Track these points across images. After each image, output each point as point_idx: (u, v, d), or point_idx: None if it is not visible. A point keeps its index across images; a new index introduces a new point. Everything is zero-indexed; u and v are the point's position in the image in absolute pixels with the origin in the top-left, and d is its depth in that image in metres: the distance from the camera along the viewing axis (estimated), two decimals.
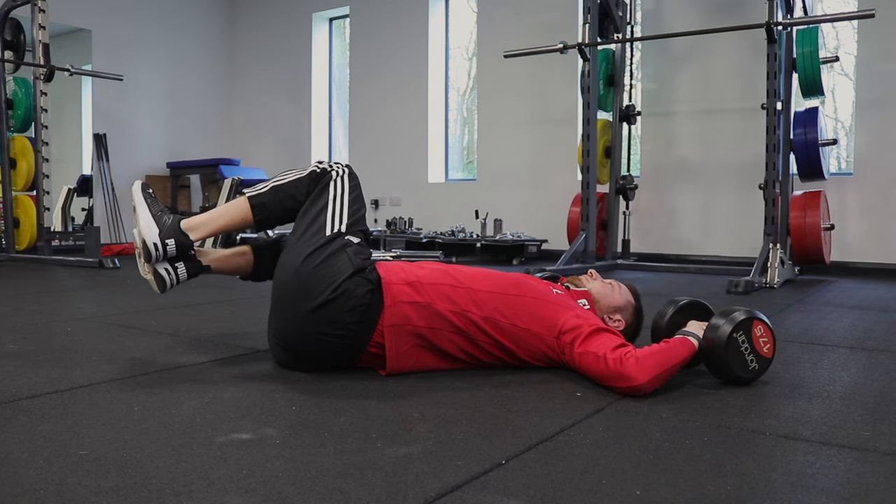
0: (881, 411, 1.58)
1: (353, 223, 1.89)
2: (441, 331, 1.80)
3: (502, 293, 1.85)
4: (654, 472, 1.19)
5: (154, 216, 1.85)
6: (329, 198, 1.90)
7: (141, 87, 7.60)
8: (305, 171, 1.94)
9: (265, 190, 1.92)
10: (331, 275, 1.75)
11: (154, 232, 1.82)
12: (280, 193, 1.91)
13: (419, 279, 1.83)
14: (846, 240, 5.21)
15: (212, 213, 1.93)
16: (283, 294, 1.82)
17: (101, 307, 3.17)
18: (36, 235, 5.67)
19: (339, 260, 1.78)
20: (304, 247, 1.82)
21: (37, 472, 1.15)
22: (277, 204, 1.92)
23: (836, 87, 6.21)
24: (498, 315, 1.82)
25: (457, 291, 1.82)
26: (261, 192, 1.91)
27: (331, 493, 1.08)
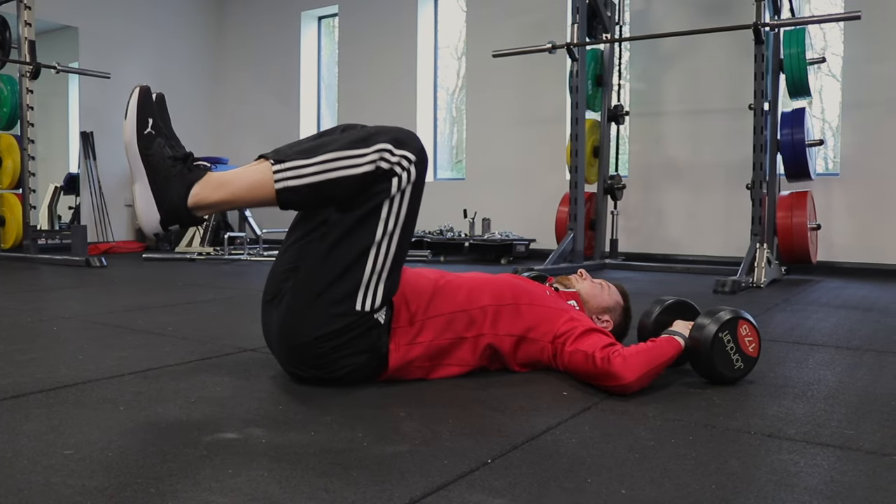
0: (864, 410, 1.59)
1: (392, 285, 1.64)
2: (439, 364, 1.77)
3: (499, 304, 1.81)
4: (639, 470, 1.20)
5: (155, 189, 1.50)
6: (375, 238, 1.57)
7: (128, 85, 7.51)
8: (363, 160, 1.52)
9: (300, 185, 1.52)
10: (349, 356, 1.63)
11: (154, 219, 1.52)
12: (319, 194, 1.54)
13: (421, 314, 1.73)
14: (832, 240, 5.25)
15: (229, 192, 1.54)
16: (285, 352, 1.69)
17: (87, 306, 3.16)
18: (22, 234, 5.64)
19: (362, 343, 1.63)
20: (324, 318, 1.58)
21: (21, 472, 1.14)
22: (312, 204, 1.61)
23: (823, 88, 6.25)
24: (498, 332, 1.79)
25: (457, 317, 1.76)
26: (293, 187, 1.52)
27: (317, 492, 1.08)
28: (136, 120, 1.51)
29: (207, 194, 1.52)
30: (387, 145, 1.53)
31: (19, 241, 5.66)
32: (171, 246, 6.90)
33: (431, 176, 7.30)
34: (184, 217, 1.53)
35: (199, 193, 1.52)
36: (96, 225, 7.23)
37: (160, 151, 1.52)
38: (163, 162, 1.51)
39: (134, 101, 1.52)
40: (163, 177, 1.51)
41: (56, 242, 6.45)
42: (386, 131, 1.56)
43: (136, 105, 1.51)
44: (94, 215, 7.24)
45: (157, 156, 1.51)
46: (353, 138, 1.55)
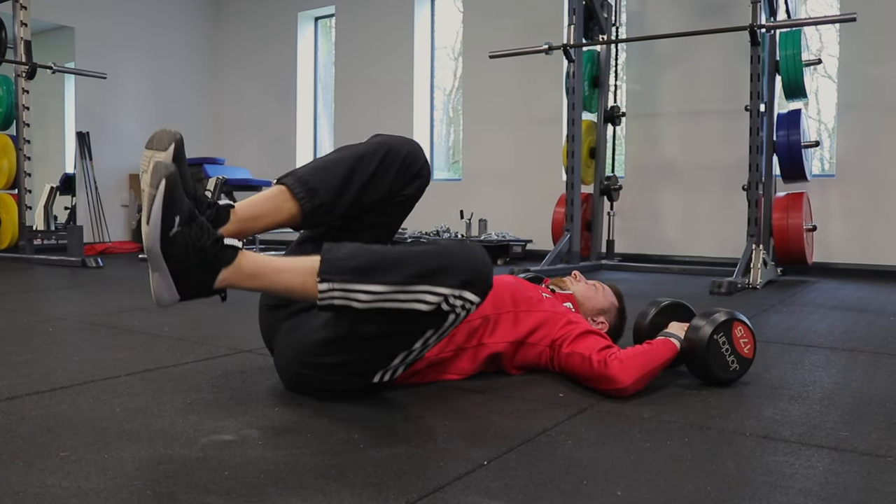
0: (859, 412, 1.59)
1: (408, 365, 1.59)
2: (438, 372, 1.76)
3: (499, 313, 1.80)
4: (634, 472, 1.20)
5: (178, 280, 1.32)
6: (413, 346, 1.50)
7: (125, 85, 7.55)
8: (427, 301, 1.38)
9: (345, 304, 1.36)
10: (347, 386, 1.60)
11: (173, 300, 1.36)
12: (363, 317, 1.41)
13: None
14: (828, 241, 5.26)
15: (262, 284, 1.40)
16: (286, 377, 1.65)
17: (83, 307, 3.15)
18: (18, 234, 5.62)
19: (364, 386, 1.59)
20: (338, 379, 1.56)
21: (16, 474, 1.14)
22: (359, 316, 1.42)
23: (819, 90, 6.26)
24: (495, 339, 1.79)
25: (458, 330, 1.74)
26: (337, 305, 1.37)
27: (313, 494, 1.08)
28: (161, 224, 1.28)
29: (236, 281, 1.38)
30: (454, 290, 1.39)
31: (15, 242, 5.64)
32: None
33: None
34: (207, 296, 1.39)
35: (228, 279, 1.37)
36: (92, 225, 7.21)
37: (184, 248, 1.31)
38: (188, 257, 1.32)
39: (159, 202, 1.27)
40: (187, 269, 1.33)
41: (52, 243, 6.45)
42: (458, 265, 1.40)
43: (161, 206, 1.28)
44: (91, 216, 7.23)
45: (181, 254, 1.31)
46: (421, 269, 1.37)
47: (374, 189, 1.55)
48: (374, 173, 1.55)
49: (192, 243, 1.31)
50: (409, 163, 1.59)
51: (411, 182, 1.61)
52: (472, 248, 1.45)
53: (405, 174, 1.59)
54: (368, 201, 1.55)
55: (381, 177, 1.56)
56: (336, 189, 1.50)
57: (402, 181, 1.60)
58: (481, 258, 1.44)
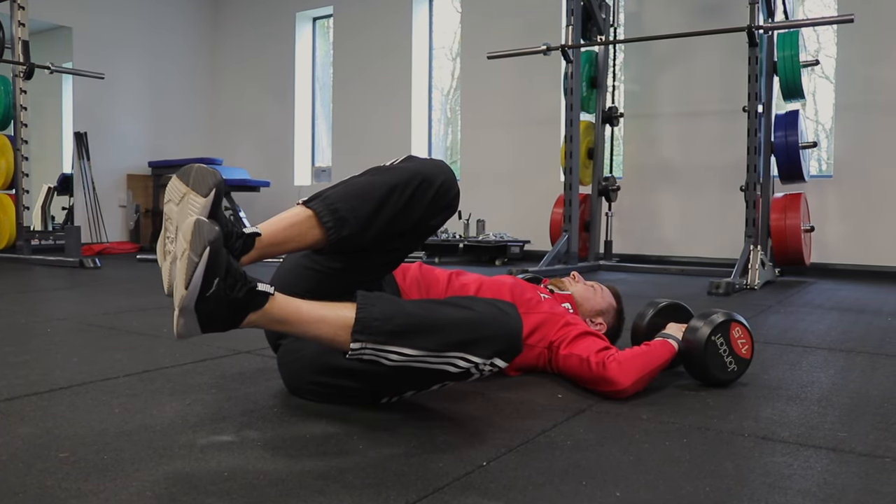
0: (857, 412, 1.60)
1: None
2: None
3: None
4: (633, 473, 1.20)
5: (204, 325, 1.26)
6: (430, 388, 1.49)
7: (122, 85, 7.54)
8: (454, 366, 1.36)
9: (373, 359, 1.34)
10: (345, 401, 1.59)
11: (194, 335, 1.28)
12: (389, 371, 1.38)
13: None
14: (826, 241, 5.27)
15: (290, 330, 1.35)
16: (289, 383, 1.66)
17: (81, 307, 3.15)
18: (15, 235, 5.61)
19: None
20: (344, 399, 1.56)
21: (16, 475, 1.14)
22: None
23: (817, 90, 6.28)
24: None
25: None
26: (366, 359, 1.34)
27: (312, 495, 1.08)
28: (200, 290, 1.22)
29: (263, 324, 1.33)
30: (487, 360, 1.36)
31: (13, 242, 5.63)
32: None
33: None
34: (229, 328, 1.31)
35: (254, 322, 1.31)
36: (90, 226, 7.20)
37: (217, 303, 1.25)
38: (220, 308, 1.26)
39: (201, 270, 1.21)
40: (216, 317, 1.27)
41: (50, 243, 6.43)
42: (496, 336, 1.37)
43: (202, 274, 1.21)
44: (88, 216, 7.22)
45: (214, 307, 1.25)
46: (459, 338, 1.35)
47: (403, 220, 1.47)
48: (406, 205, 1.46)
49: (226, 296, 1.25)
50: (443, 193, 1.49)
51: (441, 213, 1.52)
52: (509, 315, 1.40)
53: (436, 205, 1.50)
54: (395, 232, 1.49)
55: (412, 207, 1.47)
56: (365, 219, 1.42)
57: (433, 212, 1.50)
58: (517, 326, 1.40)
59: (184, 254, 1.21)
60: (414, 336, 1.33)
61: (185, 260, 1.21)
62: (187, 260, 1.20)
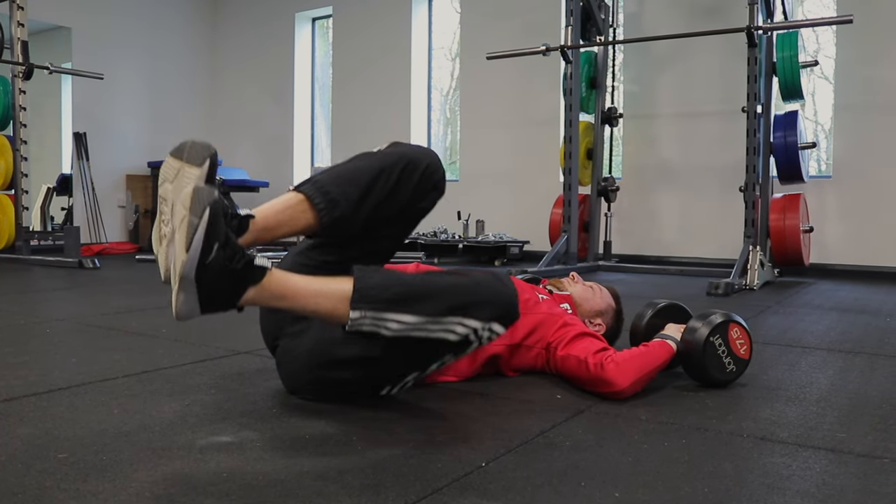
0: (856, 413, 1.60)
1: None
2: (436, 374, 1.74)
3: None
4: (632, 474, 1.20)
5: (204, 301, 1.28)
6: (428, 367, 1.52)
7: (122, 85, 7.54)
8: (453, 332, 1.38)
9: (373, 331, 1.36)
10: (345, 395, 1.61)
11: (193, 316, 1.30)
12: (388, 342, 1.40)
13: None
14: (825, 242, 5.27)
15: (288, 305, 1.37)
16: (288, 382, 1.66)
17: (80, 308, 3.15)
18: (14, 235, 5.61)
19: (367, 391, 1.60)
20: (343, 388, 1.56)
21: (15, 475, 1.14)
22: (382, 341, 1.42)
23: (816, 91, 6.28)
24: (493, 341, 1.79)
25: None
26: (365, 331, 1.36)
27: (311, 495, 1.08)
28: (201, 254, 1.23)
29: (261, 300, 1.35)
30: (485, 323, 1.39)
31: (11, 243, 5.63)
32: None
33: None
34: (226, 310, 1.34)
35: (253, 298, 1.33)
36: (89, 226, 7.20)
37: (218, 273, 1.26)
38: (219, 280, 1.27)
39: (202, 232, 1.22)
40: (215, 291, 1.28)
41: (49, 244, 6.43)
42: (491, 300, 1.40)
43: (203, 236, 1.22)
44: (87, 216, 7.22)
45: (213, 279, 1.26)
46: (455, 302, 1.38)
47: (392, 203, 1.51)
48: (394, 188, 1.50)
49: (225, 266, 1.26)
50: (428, 175, 1.55)
51: (428, 195, 1.57)
52: (503, 280, 1.44)
53: (422, 188, 1.55)
54: (385, 216, 1.52)
55: (400, 190, 1.51)
56: (356, 201, 1.46)
57: (420, 194, 1.55)
58: (511, 290, 1.43)
59: (183, 220, 1.22)
60: (412, 303, 1.35)
61: (184, 225, 1.21)
62: (187, 224, 1.21)
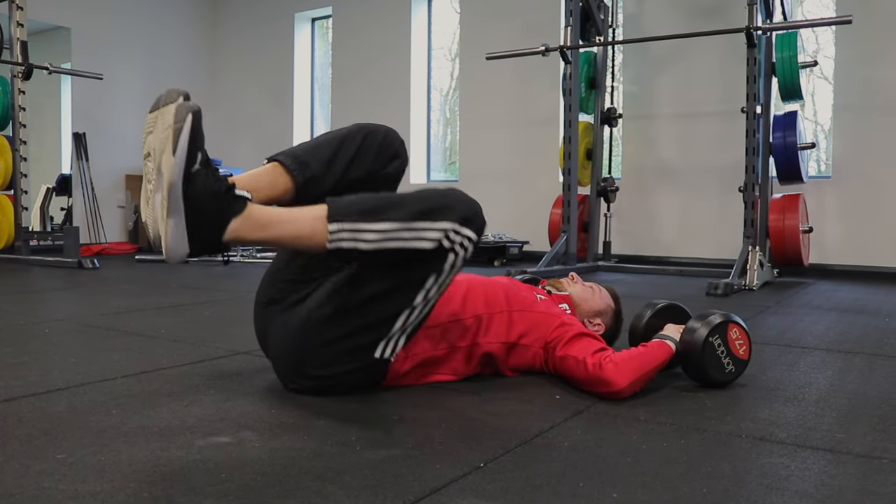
0: (855, 413, 1.60)
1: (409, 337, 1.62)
2: (432, 372, 1.77)
3: (492, 312, 1.81)
4: (631, 474, 1.20)
5: (191, 226, 1.33)
6: (413, 304, 1.54)
7: (121, 85, 7.54)
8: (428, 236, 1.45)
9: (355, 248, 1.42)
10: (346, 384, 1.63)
11: (183, 252, 1.35)
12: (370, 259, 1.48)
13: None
14: (824, 242, 5.27)
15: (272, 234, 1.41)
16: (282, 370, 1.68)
17: (79, 308, 3.15)
18: (14, 235, 5.60)
19: (363, 377, 1.63)
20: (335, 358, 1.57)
21: (13, 476, 1.14)
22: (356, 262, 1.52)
23: (815, 91, 6.28)
24: (488, 338, 1.79)
25: (451, 328, 1.75)
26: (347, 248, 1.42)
27: (310, 496, 1.08)
28: (187, 157, 1.29)
29: (246, 233, 1.39)
30: (454, 224, 1.47)
31: (11, 243, 5.62)
32: None
33: (425, 177, 7.30)
34: (214, 250, 1.39)
35: (237, 230, 1.37)
36: (89, 226, 7.20)
37: (203, 188, 1.33)
38: (204, 199, 1.33)
39: (186, 134, 1.29)
40: (202, 214, 1.34)
41: (48, 244, 6.43)
42: (456, 204, 1.49)
43: (188, 138, 1.29)
44: (87, 217, 7.21)
45: (199, 194, 1.32)
46: (422, 207, 1.46)
47: (357, 167, 1.63)
48: (357, 152, 1.63)
49: (210, 185, 1.33)
50: (388, 144, 1.69)
51: (391, 161, 1.70)
52: (463, 192, 1.55)
53: (384, 154, 1.68)
54: (353, 178, 1.62)
55: (363, 155, 1.64)
56: (325, 162, 1.58)
57: (383, 160, 1.68)
58: (473, 200, 1.55)
59: (168, 129, 1.29)
60: (384, 211, 1.45)
61: (169, 132, 1.29)
62: (172, 130, 1.29)
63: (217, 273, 4.92)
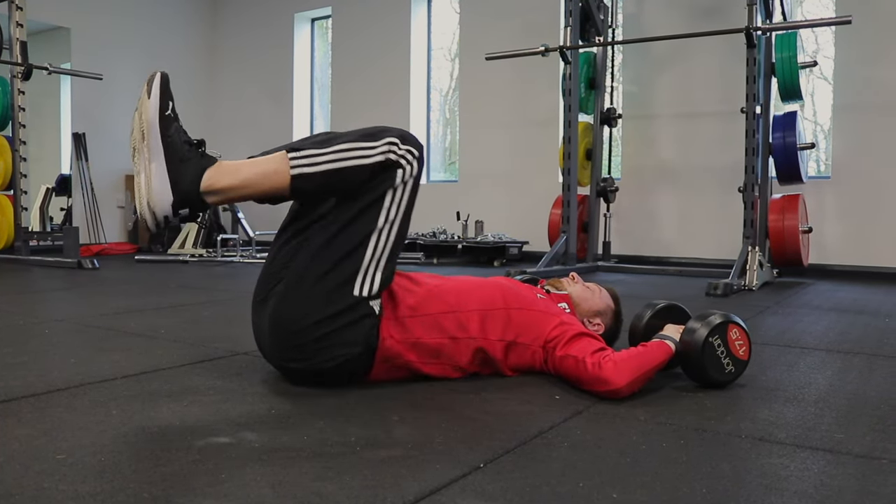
0: (854, 414, 1.60)
1: (389, 275, 1.68)
2: (428, 362, 1.77)
3: (489, 309, 1.81)
4: (630, 474, 1.20)
5: (172, 170, 1.51)
6: (377, 225, 1.63)
7: (121, 86, 7.53)
8: (373, 152, 1.61)
9: (314, 171, 1.58)
10: (338, 346, 1.65)
11: (167, 200, 1.51)
12: (331, 181, 1.61)
13: (409, 311, 1.73)
14: (824, 242, 5.27)
15: (241, 178, 1.57)
16: (280, 339, 1.68)
17: (79, 308, 3.15)
18: (13, 235, 5.61)
19: (353, 334, 1.64)
20: (320, 303, 1.62)
21: (13, 476, 1.14)
22: (323, 191, 1.65)
23: (815, 91, 6.28)
24: (485, 335, 1.80)
25: (446, 317, 1.76)
26: (308, 174, 1.58)
27: (309, 496, 1.08)
28: (160, 101, 1.52)
29: (219, 178, 1.55)
30: (394, 139, 1.63)
31: (11, 243, 5.63)
32: (164, 248, 6.89)
33: (424, 178, 7.29)
34: (195, 201, 1.54)
35: (212, 177, 1.55)
36: (88, 226, 7.20)
37: (177, 135, 1.54)
38: (180, 145, 1.54)
39: (157, 83, 1.54)
40: (179, 159, 1.53)
41: (48, 244, 6.43)
42: (392, 128, 1.67)
43: (159, 86, 1.53)
44: (86, 217, 7.22)
45: (174, 138, 1.53)
46: (363, 133, 1.64)
47: None
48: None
49: (182, 136, 1.55)
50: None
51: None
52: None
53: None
54: None
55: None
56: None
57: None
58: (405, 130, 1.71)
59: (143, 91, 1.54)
60: (332, 141, 1.62)
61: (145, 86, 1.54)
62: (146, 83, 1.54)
63: (217, 273, 4.92)
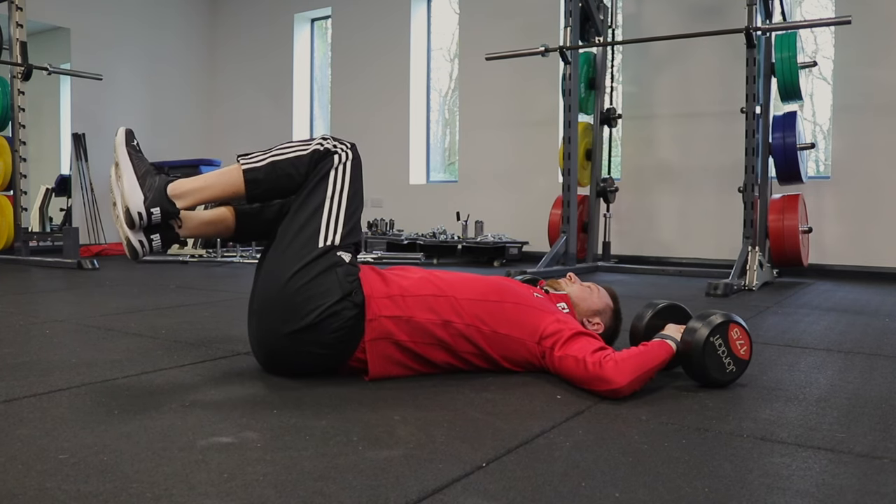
0: (855, 413, 1.60)
1: (348, 233, 1.83)
2: (422, 343, 1.79)
3: (483, 300, 1.84)
4: (632, 474, 1.20)
5: (139, 178, 1.73)
6: (326, 195, 1.83)
7: (120, 86, 7.54)
8: (308, 147, 1.85)
9: (262, 164, 1.81)
10: (318, 296, 1.72)
11: (139, 199, 1.70)
12: (277, 171, 1.81)
13: (400, 291, 1.80)
14: (824, 242, 5.28)
15: (201, 181, 1.81)
16: (268, 307, 1.78)
17: (79, 309, 3.15)
18: (13, 236, 5.60)
19: (327, 281, 1.74)
20: (292, 259, 1.76)
21: (15, 476, 1.14)
22: (273, 182, 1.83)
23: (815, 92, 6.29)
24: (479, 323, 1.82)
25: (438, 301, 1.81)
26: (256, 166, 1.80)
27: (312, 496, 1.08)
28: (126, 134, 1.80)
29: (183, 184, 1.79)
30: (324, 136, 1.91)
31: (10, 244, 5.62)
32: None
33: (424, 178, 7.30)
34: (164, 201, 1.74)
35: (176, 184, 1.78)
36: (88, 227, 7.20)
37: (143, 158, 1.79)
38: (146, 163, 1.79)
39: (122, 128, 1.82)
40: (145, 171, 1.76)
41: (47, 244, 6.42)
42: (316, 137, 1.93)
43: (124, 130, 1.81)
44: (86, 217, 7.22)
45: (141, 157, 1.78)
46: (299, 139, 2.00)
47: None
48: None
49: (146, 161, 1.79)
50: None
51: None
52: None
53: None
54: None
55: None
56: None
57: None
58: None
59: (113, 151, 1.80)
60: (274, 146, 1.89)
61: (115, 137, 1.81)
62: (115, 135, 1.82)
63: (217, 273, 4.92)
